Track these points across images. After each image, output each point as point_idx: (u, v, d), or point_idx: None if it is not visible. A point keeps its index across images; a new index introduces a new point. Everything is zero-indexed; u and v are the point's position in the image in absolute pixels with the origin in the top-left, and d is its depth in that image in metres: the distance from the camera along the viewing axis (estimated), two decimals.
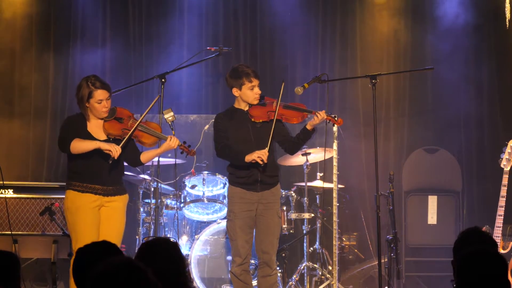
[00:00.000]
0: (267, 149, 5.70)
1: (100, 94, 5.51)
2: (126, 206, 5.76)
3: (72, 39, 8.12)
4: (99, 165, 5.51)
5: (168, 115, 5.84)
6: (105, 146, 5.43)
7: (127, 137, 5.55)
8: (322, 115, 5.72)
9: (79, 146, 5.45)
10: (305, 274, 7.12)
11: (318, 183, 7.34)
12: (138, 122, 5.61)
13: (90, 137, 5.55)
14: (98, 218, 5.54)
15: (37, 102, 8.11)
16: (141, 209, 7.22)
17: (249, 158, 5.70)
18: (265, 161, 5.69)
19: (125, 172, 7.11)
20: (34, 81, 8.12)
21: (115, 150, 5.42)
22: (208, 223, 7.19)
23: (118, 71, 8.11)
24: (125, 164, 5.84)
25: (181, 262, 3.38)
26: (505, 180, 6.27)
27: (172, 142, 5.65)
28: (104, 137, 5.60)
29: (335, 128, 6.84)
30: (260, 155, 5.67)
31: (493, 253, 3.14)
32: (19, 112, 8.07)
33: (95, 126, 5.58)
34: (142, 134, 5.64)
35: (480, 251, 3.15)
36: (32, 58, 8.13)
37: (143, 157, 5.77)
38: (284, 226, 7.10)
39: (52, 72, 8.13)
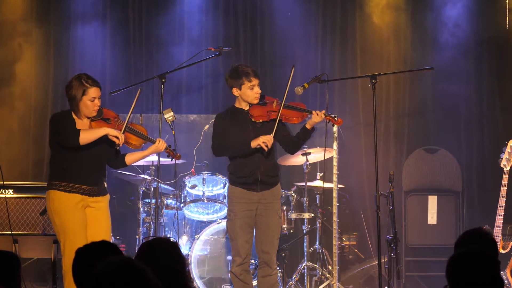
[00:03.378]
0: (272, 134, 5.71)
1: (93, 91, 5.47)
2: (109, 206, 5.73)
3: (72, 40, 8.13)
4: (85, 164, 5.46)
5: (168, 115, 5.84)
6: (113, 132, 5.41)
7: (123, 129, 5.52)
8: (322, 115, 5.73)
9: (88, 136, 5.37)
10: (305, 274, 7.12)
11: (318, 183, 7.35)
12: (125, 123, 5.55)
13: None
14: (85, 219, 5.49)
15: (37, 103, 8.11)
16: (141, 209, 7.22)
17: (254, 143, 5.71)
18: (269, 147, 5.70)
19: (125, 172, 7.16)
20: (34, 82, 8.13)
21: (121, 137, 5.42)
22: (208, 223, 7.19)
23: (118, 71, 8.11)
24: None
25: (181, 262, 3.38)
26: (505, 180, 6.28)
27: (160, 145, 5.64)
28: None
29: (335, 128, 6.84)
30: (265, 140, 5.68)
31: (481, 252, 3.13)
32: (20, 112, 8.07)
33: (82, 125, 5.52)
34: (130, 136, 5.60)
35: (468, 252, 3.15)
36: (32, 59, 8.13)
37: (128, 158, 5.71)
38: (284, 226, 7.10)
39: (52, 74, 8.14)
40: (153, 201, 7.06)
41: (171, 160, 5.92)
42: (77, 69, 7.97)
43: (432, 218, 7.80)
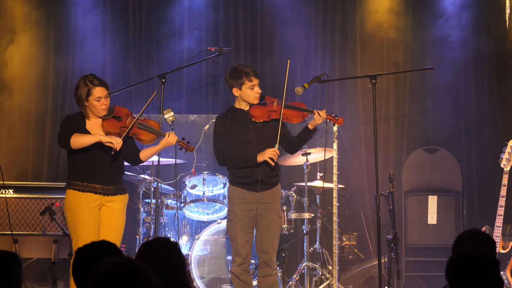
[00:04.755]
0: (276, 146, 5.71)
1: (98, 91, 5.51)
2: (126, 206, 5.75)
3: (72, 39, 8.12)
4: (99, 164, 5.50)
5: (168, 115, 5.84)
6: (105, 139, 5.42)
7: (126, 131, 5.54)
8: (323, 115, 5.73)
9: (79, 140, 5.43)
10: (305, 274, 7.12)
11: (318, 183, 7.35)
12: (136, 119, 5.60)
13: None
14: (98, 218, 5.53)
15: (37, 102, 8.10)
16: (141, 209, 7.22)
17: (261, 158, 5.71)
18: (276, 161, 5.70)
19: (125, 172, 7.14)
20: (34, 82, 8.12)
21: (116, 142, 5.41)
22: (208, 223, 7.19)
23: (118, 71, 8.11)
24: (126, 163, 5.84)
25: (181, 262, 3.38)
26: (505, 180, 6.28)
27: (171, 138, 5.64)
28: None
29: (335, 128, 6.84)
30: (271, 155, 5.69)
31: (481, 252, 3.13)
32: (19, 112, 8.07)
33: (94, 124, 5.57)
34: (141, 131, 5.64)
35: (468, 252, 3.15)
36: (32, 60, 8.12)
37: (142, 154, 5.75)
38: (284, 226, 7.10)
39: (52, 73, 8.13)
40: (153, 201, 7.06)
41: (185, 153, 5.92)
42: (77, 70, 7.95)
43: (432, 218, 7.80)
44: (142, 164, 6.00)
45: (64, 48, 8.13)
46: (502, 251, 6.21)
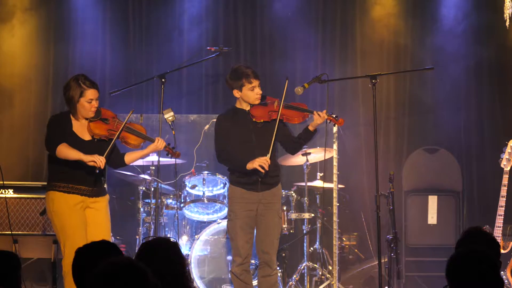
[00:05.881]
0: (268, 156, 5.69)
1: (91, 93, 5.48)
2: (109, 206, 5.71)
3: (72, 39, 8.12)
4: (83, 166, 5.46)
5: (168, 115, 5.83)
6: (88, 159, 5.34)
7: (114, 139, 5.49)
8: (323, 115, 5.73)
9: (65, 153, 5.37)
10: (305, 274, 7.12)
11: (318, 183, 7.34)
12: (124, 123, 5.56)
13: (75, 137, 5.49)
14: (84, 219, 5.49)
15: (37, 102, 8.10)
16: (141, 209, 7.21)
17: (250, 166, 5.70)
18: (267, 169, 5.69)
19: (125, 172, 7.16)
20: (33, 82, 8.12)
21: (99, 160, 5.34)
22: (208, 223, 7.19)
23: (118, 71, 8.11)
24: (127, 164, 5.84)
25: (181, 262, 3.38)
26: (505, 180, 6.27)
27: (159, 143, 5.62)
28: (89, 137, 5.54)
29: (335, 128, 6.84)
30: (261, 163, 5.67)
31: (481, 252, 3.13)
32: (19, 112, 8.07)
33: (80, 126, 5.53)
34: (129, 135, 5.60)
35: (468, 252, 3.15)
36: (31, 59, 8.12)
37: (128, 158, 5.70)
38: (284, 226, 7.10)
39: (52, 73, 8.13)
40: (153, 201, 7.06)
41: (171, 159, 5.91)
42: (77, 70, 7.91)
43: (432, 218, 7.80)
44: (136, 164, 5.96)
45: (64, 47, 8.12)
46: (502, 251, 6.20)
